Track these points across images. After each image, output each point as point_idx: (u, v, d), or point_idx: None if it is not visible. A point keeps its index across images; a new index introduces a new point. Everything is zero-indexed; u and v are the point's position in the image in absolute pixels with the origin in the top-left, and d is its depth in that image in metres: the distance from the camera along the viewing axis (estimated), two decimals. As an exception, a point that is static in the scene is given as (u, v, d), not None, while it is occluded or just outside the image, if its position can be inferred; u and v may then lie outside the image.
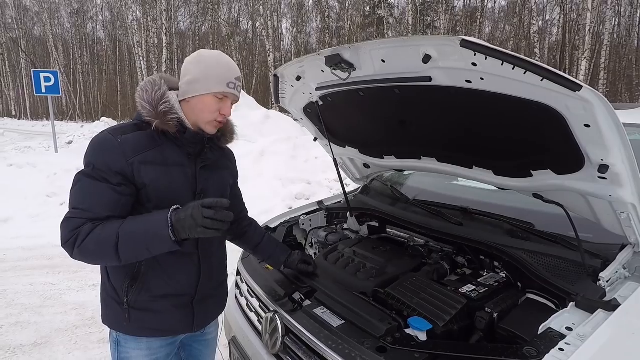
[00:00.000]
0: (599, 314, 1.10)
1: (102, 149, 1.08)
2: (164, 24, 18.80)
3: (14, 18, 30.92)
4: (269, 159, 7.00)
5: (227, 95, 1.17)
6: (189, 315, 1.23)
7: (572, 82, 0.88)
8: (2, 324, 2.79)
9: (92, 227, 1.02)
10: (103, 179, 1.05)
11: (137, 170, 1.08)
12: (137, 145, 1.09)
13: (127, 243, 1.01)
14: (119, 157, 1.06)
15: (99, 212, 1.04)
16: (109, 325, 1.22)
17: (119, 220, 1.05)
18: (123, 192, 1.07)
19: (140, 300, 1.15)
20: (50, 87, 8.26)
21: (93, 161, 1.07)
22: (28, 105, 34.10)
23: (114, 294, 1.16)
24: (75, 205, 1.06)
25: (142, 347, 1.20)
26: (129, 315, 1.15)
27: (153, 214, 1.06)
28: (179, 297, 1.20)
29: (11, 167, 6.45)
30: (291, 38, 29.09)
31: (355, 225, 2.18)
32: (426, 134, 1.65)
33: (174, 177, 1.14)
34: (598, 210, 1.32)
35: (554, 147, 1.19)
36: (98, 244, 1.01)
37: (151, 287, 1.15)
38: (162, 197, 1.11)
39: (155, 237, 1.01)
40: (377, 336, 1.16)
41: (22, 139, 16.28)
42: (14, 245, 4.36)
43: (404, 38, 1.11)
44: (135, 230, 1.02)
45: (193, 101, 1.16)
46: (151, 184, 1.09)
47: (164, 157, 1.13)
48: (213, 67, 1.15)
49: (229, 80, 1.16)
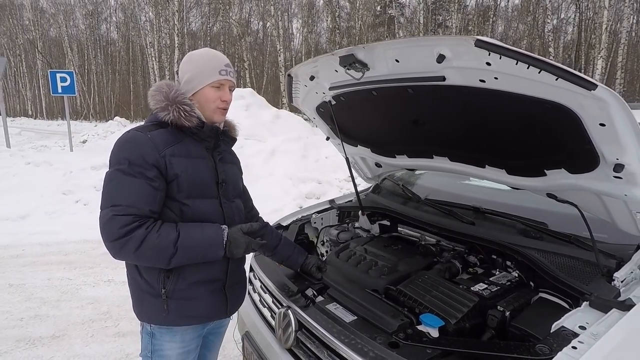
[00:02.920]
0: (613, 314, 1.09)
1: (135, 144, 1.14)
2: (175, 25, 19.01)
3: (31, 20, 31.62)
4: (279, 158, 7.04)
5: (223, 82, 1.26)
6: (223, 300, 1.30)
7: (587, 81, 0.89)
8: (22, 316, 2.87)
9: (145, 233, 1.07)
10: (140, 173, 1.10)
11: (169, 162, 1.15)
12: (165, 139, 1.17)
13: (184, 256, 1.12)
14: (152, 150, 1.13)
15: (142, 208, 1.09)
16: (147, 320, 1.25)
17: (169, 227, 1.12)
18: (158, 187, 1.13)
19: (178, 289, 1.19)
20: (66, 87, 8.44)
21: (128, 157, 1.12)
22: (44, 105, 34.86)
23: (148, 288, 1.20)
24: (117, 202, 1.09)
25: (176, 340, 1.25)
26: (168, 305, 1.19)
27: (206, 231, 1.16)
28: (213, 282, 1.26)
29: (29, 165, 6.61)
30: (302, 38, 29.14)
31: (367, 224, 2.19)
32: (439, 133, 1.66)
33: (200, 168, 1.22)
34: (613, 210, 1.32)
35: (568, 147, 1.19)
36: (155, 253, 1.09)
37: (186, 274, 1.20)
38: (191, 186, 1.19)
39: (210, 256, 1.17)
40: (389, 332, 1.18)
41: (38, 137, 16.65)
42: (32, 241, 4.48)
43: (418, 38, 1.12)
44: (193, 246, 1.13)
45: (195, 98, 1.25)
46: (182, 174, 1.17)
47: (187, 150, 1.21)
48: (203, 62, 1.25)
49: (219, 68, 1.24)
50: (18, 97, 38.16)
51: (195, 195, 1.20)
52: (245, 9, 27.22)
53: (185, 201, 1.19)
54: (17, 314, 2.90)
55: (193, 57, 1.28)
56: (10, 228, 4.81)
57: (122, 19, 32.47)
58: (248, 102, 8.86)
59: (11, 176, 6.17)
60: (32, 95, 36.22)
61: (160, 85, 1.23)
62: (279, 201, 5.69)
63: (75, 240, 4.47)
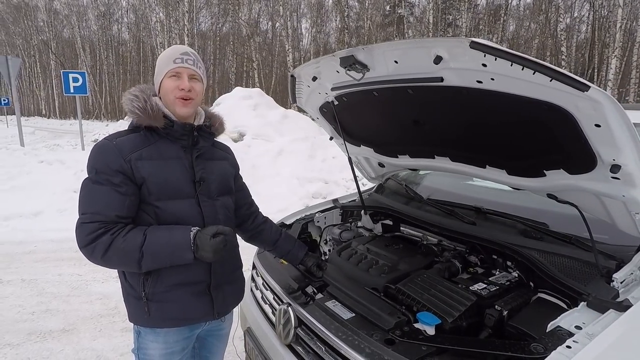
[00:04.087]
0: (610, 314, 1.10)
1: (100, 152, 1.17)
2: (185, 25, 19.22)
3: (45, 21, 32.23)
4: (286, 158, 7.08)
5: (179, 70, 1.22)
6: (208, 302, 1.28)
7: (580, 83, 0.89)
8: (34, 310, 2.95)
9: (111, 238, 1.10)
10: (106, 181, 1.13)
11: (134, 166, 1.15)
12: (132, 144, 1.18)
13: (152, 260, 1.13)
14: (116, 156, 1.14)
15: (108, 214, 1.12)
16: (134, 322, 1.27)
17: (137, 231, 1.13)
18: (125, 192, 1.14)
19: (157, 292, 1.20)
20: (78, 87, 8.60)
21: (95, 165, 1.15)
22: (57, 105, 35.51)
23: (132, 291, 1.23)
24: (85, 210, 1.13)
25: (158, 340, 1.26)
26: (148, 308, 1.20)
27: (174, 234, 1.14)
28: (195, 284, 1.25)
29: (42, 163, 6.77)
30: (310, 38, 29.21)
31: (369, 223, 2.21)
32: (439, 134, 1.67)
33: (172, 169, 1.21)
34: (613, 211, 1.32)
35: (566, 147, 1.19)
36: (122, 257, 1.12)
37: (164, 277, 1.20)
38: (161, 188, 1.18)
39: (179, 259, 1.15)
40: (386, 329, 1.20)
41: (51, 137, 16.99)
42: (44, 237, 4.58)
43: (415, 40, 1.14)
44: (159, 250, 1.13)
45: (161, 92, 1.25)
46: (149, 177, 1.17)
47: (159, 152, 1.21)
48: (162, 56, 1.26)
49: (174, 57, 1.23)
50: (32, 97, 38.95)
51: (167, 197, 1.19)
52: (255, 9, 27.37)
53: (157, 203, 1.18)
54: (29, 308, 2.99)
55: (160, 56, 1.29)
56: (24, 225, 4.94)
57: (134, 20, 32.94)
58: (256, 102, 8.92)
59: (25, 174, 6.33)
60: (45, 95, 36.94)
61: (132, 90, 1.25)
62: (285, 201, 5.72)
63: (85, 237, 4.55)
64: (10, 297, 3.15)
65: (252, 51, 23.37)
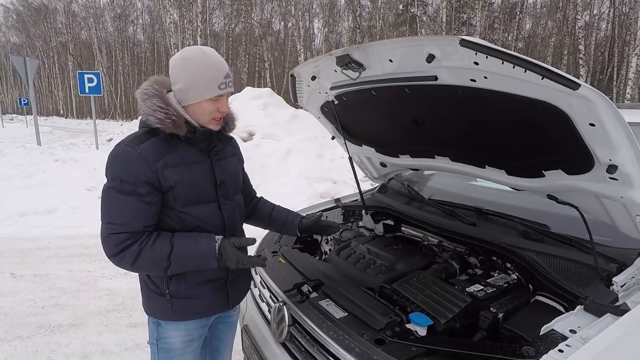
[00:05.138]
0: (607, 318, 1.07)
1: (124, 161, 1.13)
2: (199, 26, 19.45)
3: (63, 23, 33.04)
4: (295, 157, 7.09)
5: (222, 95, 1.19)
6: (225, 295, 1.35)
7: (570, 81, 0.87)
8: (44, 304, 3.03)
9: (139, 249, 1.12)
10: (132, 191, 1.12)
11: (161, 175, 1.14)
12: (155, 151, 1.15)
13: (178, 267, 1.17)
14: (143, 167, 1.12)
15: (136, 225, 1.13)
16: (154, 315, 1.31)
17: (164, 240, 1.15)
18: (151, 201, 1.14)
19: (181, 290, 1.25)
20: (92, 87, 8.79)
21: (119, 174, 1.13)
22: (74, 105, 36.37)
23: (155, 288, 1.26)
24: (112, 220, 1.13)
25: (180, 329, 1.31)
26: (172, 304, 1.25)
27: (199, 244, 1.18)
28: (215, 281, 1.30)
29: (57, 162, 6.94)
30: (322, 38, 29.19)
31: (371, 223, 2.20)
32: (439, 133, 1.65)
33: (195, 174, 1.21)
34: (613, 213, 1.28)
35: (562, 147, 1.17)
36: (150, 265, 1.16)
37: (189, 276, 1.24)
38: (188, 195, 1.19)
39: (204, 266, 1.20)
40: (377, 329, 1.19)
41: (68, 136, 17.42)
42: (57, 234, 4.71)
43: (408, 38, 1.13)
44: (186, 259, 1.17)
45: (191, 107, 1.19)
46: (177, 185, 1.17)
47: (181, 157, 1.19)
48: (201, 73, 1.15)
49: (219, 82, 1.16)
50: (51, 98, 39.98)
51: (192, 202, 1.21)
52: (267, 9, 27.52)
53: (182, 209, 1.20)
54: (39, 302, 3.07)
55: (189, 62, 1.15)
56: (39, 221, 5.08)
57: (148, 21, 33.49)
58: (266, 101, 8.96)
59: (41, 172, 6.50)
60: (64, 95, 37.89)
61: (148, 88, 1.17)
62: (293, 200, 5.73)
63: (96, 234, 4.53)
64: (22, 292, 3.24)
65: (264, 51, 23.50)
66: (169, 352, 1.32)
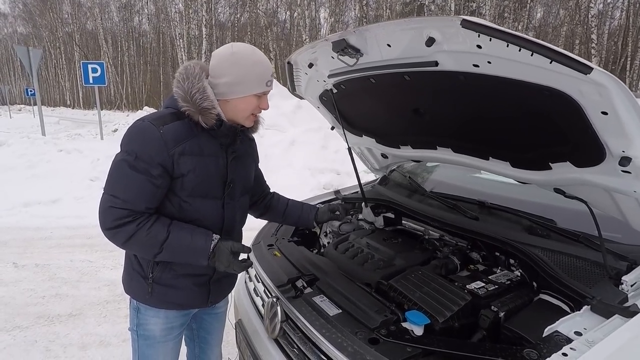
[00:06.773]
0: (615, 320, 1.01)
1: (145, 138, 1.10)
2: (204, 16, 19.29)
3: (69, 13, 33.01)
4: (299, 148, 7.03)
5: (266, 92, 1.23)
6: (205, 292, 1.32)
7: (581, 64, 0.80)
8: (45, 294, 3.04)
9: (136, 228, 1.10)
10: (144, 170, 1.09)
11: (176, 161, 1.12)
12: (177, 135, 1.12)
13: (168, 256, 1.16)
14: (162, 148, 1.10)
15: (138, 204, 1.11)
16: (132, 296, 1.30)
17: (161, 225, 1.13)
18: (160, 185, 1.12)
19: (164, 277, 1.23)
20: (96, 77, 8.77)
21: (136, 150, 1.10)
22: (81, 95, 36.51)
23: (139, 269, 1.24)
24: (115, 193, 1.10)
25: (159, 316, 1.29)
26: (152, 289, 1.23)
27: (195, 239, 1.15)
28: (200, 276, 1.28)
29: (61, 152, 6.95)
30: (329, 27, 28.80)
31: (371, 216, 2.13)
32: (440, 123, 1.58)
33: (208, 167, 1.19)
34: (625, 208, 1.21)
35: (571, 137, 1.09)
36: (141, 247, 1.14)
37: (175, 266, 1.23)
38: (196, 186, 1.17)
39: (193, 262, 1.19)
40: (371, 327, 1.14)
41: (74, 126, 17.49)
42: (60, 224, 4.71)
43: (406, 19, 1.05)
44: (178, 250, 1.15)
45: (232, 102, 1.19)
46: (188, 174, 1.15)
47: (200, 147, 1.17)
48: (252, 69, 1.17)
49: (267, 79, 1.21)
50: (58, 88, 40.17)
51: (198, 195, 1.19)
52: (273, -2, 27.19)
53: (187, 199, 1.18)
54: (40, 292, 3.07)
55: (240, 59, 1.16)
56: (42, 211, 5.09)
57: (154, 11, 33.31)
58: (270, 92, 8.86)
59: (45, 162, 6.52)
60: (70, 86, 38.03)
61: (190, 71, 1.15)
62: (297, 191, 5.66)
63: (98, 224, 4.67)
64: (23, 281, 3.25)
65: (270, 41, 23.27)
66: (148, 339, 1.31)
